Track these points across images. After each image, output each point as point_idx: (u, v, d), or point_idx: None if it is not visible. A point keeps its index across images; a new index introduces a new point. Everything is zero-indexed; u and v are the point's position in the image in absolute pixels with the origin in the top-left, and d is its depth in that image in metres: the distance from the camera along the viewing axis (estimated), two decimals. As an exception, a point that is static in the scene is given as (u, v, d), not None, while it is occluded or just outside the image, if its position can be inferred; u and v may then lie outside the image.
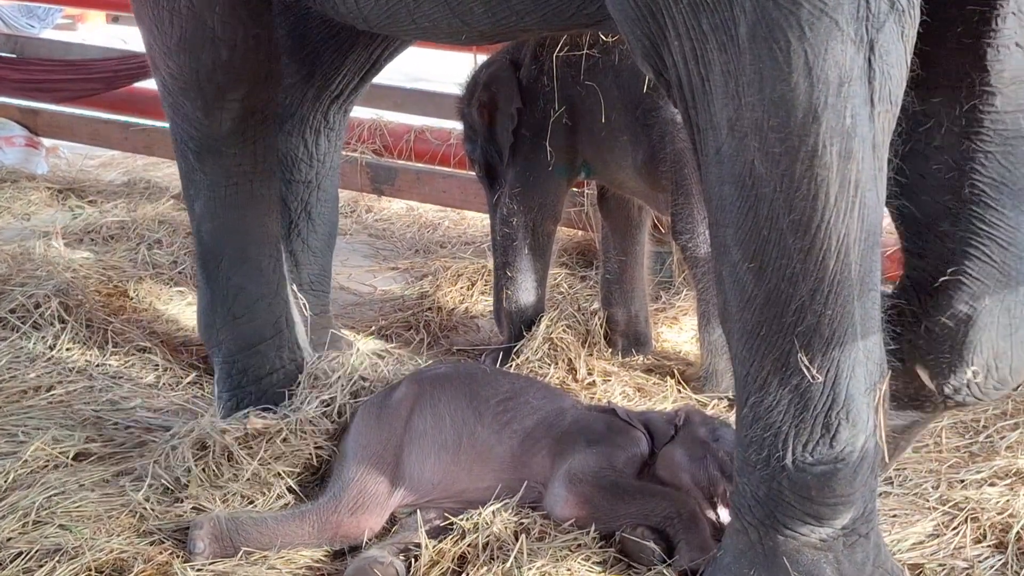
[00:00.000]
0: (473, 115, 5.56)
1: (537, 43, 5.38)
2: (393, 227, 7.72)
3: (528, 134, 5.41)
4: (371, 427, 4.18)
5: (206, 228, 4.98)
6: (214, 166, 4.92)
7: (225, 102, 4.80)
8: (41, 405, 4.96)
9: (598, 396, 5.12)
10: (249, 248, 4.97)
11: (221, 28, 4.65)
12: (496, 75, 5.48)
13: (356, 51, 5.36)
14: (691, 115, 3.26)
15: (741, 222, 3.19)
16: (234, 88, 4.79)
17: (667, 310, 6.18)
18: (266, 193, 4.99)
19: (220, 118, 4.84)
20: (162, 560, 3.76)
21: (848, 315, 3.20)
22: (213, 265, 4.99)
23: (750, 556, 3.49)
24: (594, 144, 5.35)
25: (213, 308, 5.02)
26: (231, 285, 4.96)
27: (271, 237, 5.02)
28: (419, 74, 10.29)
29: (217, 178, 4.92)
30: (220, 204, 4.94)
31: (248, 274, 4.96)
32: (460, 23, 4.06)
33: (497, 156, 5.51)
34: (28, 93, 8.74)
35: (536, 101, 5.39)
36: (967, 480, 4.41)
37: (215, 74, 4.73)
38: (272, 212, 5.04)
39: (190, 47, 4.71)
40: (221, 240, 4.97)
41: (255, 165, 4.94)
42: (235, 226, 4.97)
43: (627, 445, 4.13)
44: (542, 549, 3.77)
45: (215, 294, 5.00)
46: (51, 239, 6.76)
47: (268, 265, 5.00)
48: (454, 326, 6.11)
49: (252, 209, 4.96)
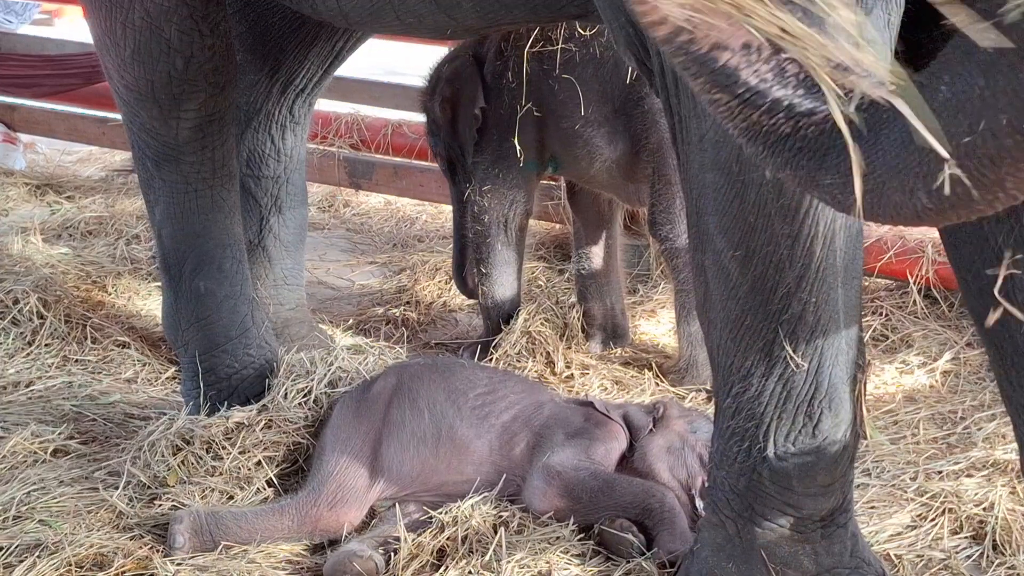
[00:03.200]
0: (436, 110, 5.55)
1: (501, 39, 5.37)
2: (371, 221, 7.70)
3: (495, 131, 5.41)
4: (349, 421, 4.18)
5: (167, 233, 4.95)
6: (173, 173, 4.89)
7: (181, 112, 4.76)
8: (20, 400, 4.96)
9: (576, 389, 5.12)
10: (212, 252, 4.94)
11: (178, 39, 4.63)
12: (459, 71, 5.46)
13: (319, 44, 5.35)
14: (672, 103, 3.25)
15: (726, 209, 3.19)
16: (190, 98, 4.76)
17: (644, 303, 6.18)
18: (226, 197, 4.96)
19: (177, 127, 4.80)
20: (142, 555, 3.76)
21: (832, 302, 3.21)
22: (176, 269, 4.96)
23: (728, 549, 3.50)
24: (564, 138, 5.34)
25: (177, 311, 4.99)
26: (194, 288, 4.93)
27: (234, 239, 5.00)
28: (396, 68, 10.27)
29: (176, 185, 4.89)
30: (180, 210, 4.90)
31: (211, 277, 4.93)
32: (446, 18, 4.04)
33: (460, 152, 5.51)
34: (5, 89, 8.70)
35: (501, 98, 5.38)
36: (945, 471, 4.42)
37: (170, 85, 4.70)
38: (234, 214, 5.01)
39: (144, 59, 4.68)
40: (182, 245, 4.94)
41: (214, 171, 4.90)
42: (196, 231, 4.93)
43: (605, 438, 4.14)
44: (521, 542, 3.79)
45: (179, 297, 4.98)
46: (29, 235, 6.74)
47: (231, 267, 4.97)
48: (432, 320, 6.10)
49: (213, 214, 4.93)
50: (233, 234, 5.00)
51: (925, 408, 4.96)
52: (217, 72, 4.77)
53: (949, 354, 5.40)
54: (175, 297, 5.00)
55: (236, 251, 5.01)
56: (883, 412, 4.93)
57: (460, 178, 5.59)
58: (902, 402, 5.05)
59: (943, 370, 5.31)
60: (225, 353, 4.92)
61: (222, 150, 4.91)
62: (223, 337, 4.95)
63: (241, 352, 4.93)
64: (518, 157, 5.34)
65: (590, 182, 5.53)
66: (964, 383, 5.21)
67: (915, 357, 5.40)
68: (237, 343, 4.94)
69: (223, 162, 4.93)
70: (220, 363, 4.91)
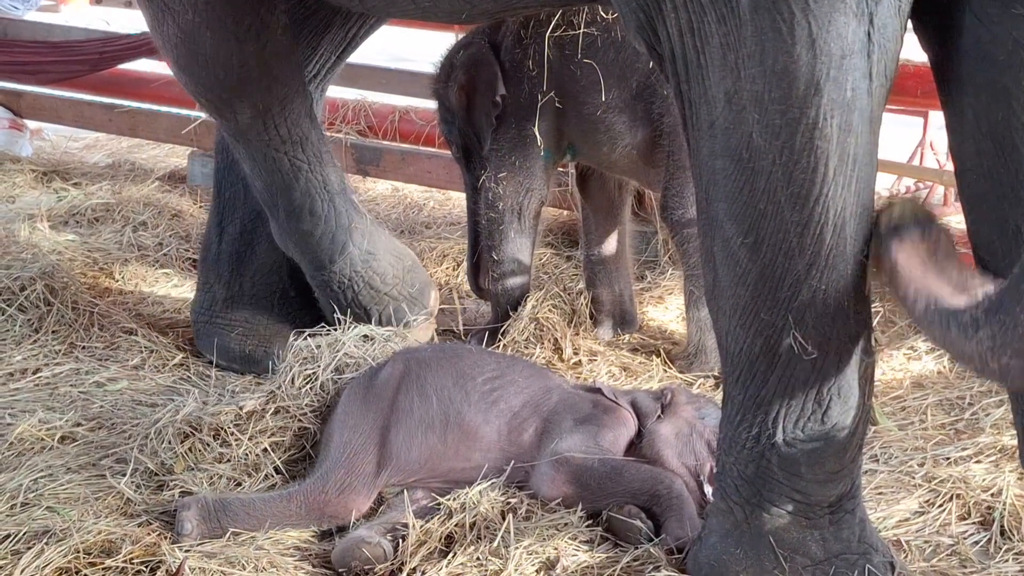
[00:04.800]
0: (450, 97, 5.52)
1: (520, 25, 5.35)
2: (378, 208, 7.69)
3: (513, 119, 5.39)
4: (357, 407, 4.18)
5: (258, 187, 5.19)
6: (242, 147, 5.08)
7: (235, 108, 4.84)
8: (27, 388, 4.96)
9: (584, 375, 5.12)
10: (300, 200, 5.16)
11: (213, 51, 4.66)
12: (476, 58, 5.42)
13: (332, 31, 5.34)
14: (683, 89, 3.25)
15: (736, 196, 3.18)
16: (239, 100, 4.83)
17: (652, 289, 6.18)
18: (303, 157, 5.12)
19: (235, 119, 4.93)
20: (150, 541, 3.75)
21: (842, 290, 3.21)
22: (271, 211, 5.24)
23: (736, 535, 3.51)
24: (585, 125, 5.32)
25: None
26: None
27: (319, 185, 5.19)
28: (403, 54, 10.25)
29: (251, 154, 5.07)
30: (259, 171, 5.12)
31: (304, 220, 5.20)
32: (463, 2, 4.02)
33: (476, 139, 5.49)
34: (12, 75, 8.70)
35: (520, 85, 5.35)
36: (952, 457, 4.42)
37: (213, 91, 4.76)
38: (315, 168, 5.17)
39: (185, 70, 4.74)
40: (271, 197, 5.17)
41: (283, 141, 5.04)
42: (280, 187, 5.14)
43: (613, 424, 4.14)
44: (529, 528, 3.78)
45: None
46: (36, 222, 6.76)
47: (323, 208, 5.20)
48: (440, 307, 6.10)
49: (294, 173, 5.13)
50: (318, 182, 5.15)
51: (933, 394, 4.96)
52: (262, 75, 4.80)
53: (957, 340, 5.38)
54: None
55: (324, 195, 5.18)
56: (891, 398, 4.93)
57: (475, 165, 5.57)
58: (910, 388, 5.05)
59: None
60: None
61: (287, 124, 5.00)
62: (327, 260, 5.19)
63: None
64: (538, 145, 5.32)
65: (610, 168, 5.51)
66: (972, 369, 5.20)
67: (923, 343, 5.38)
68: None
69: (289, 132, 5.03)
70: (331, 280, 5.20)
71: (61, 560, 3.60)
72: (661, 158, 5.21)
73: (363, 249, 5.23)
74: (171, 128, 8.27)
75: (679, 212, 5.18)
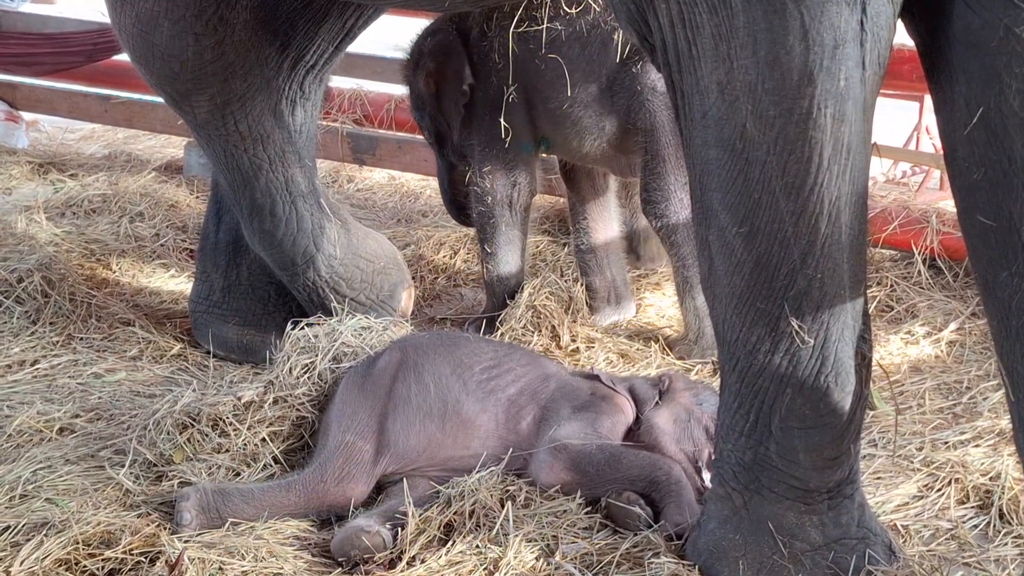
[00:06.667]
0: (419, 84, 5.53)
1: (484, 18, 5.34)
2: (375, 197, 7.70)
3: (485, 111, 5.39)
4: (355, 396, 4.18)
5: (223, 181, 5.21)
6: (204, 140, 5.08)
7: (193, 102, 4.84)
8: (25, 379, 4.96)
9: (582, 362, 5.13)
10: (261, 200, 5.16)
11: (168, 44, 4.65)
12: (443, 46, 5.41)
13: (330, 20, 5.33)
14: (675, 79, 3.24)
15: (730, 186, 3.18)
16: (198, 92, 4.84)
17: (650, 276, 6.18)
18: (263, 155, 5.09)
19: (193, 112, 4.93)
20: (149, 532, 3.75)
21: (838, 278, 3.21)
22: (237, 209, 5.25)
23: (735, 521, 3.51)
24: (553, 119, 5.31)
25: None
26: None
27: (282, 186, 5.18)
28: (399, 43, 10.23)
29: (212, 147, 5.06)
30: (223, 166, 5.11)
31: (265, 220, 5.20)
32: None
33: (447, 126, 5.49)
34: (6, 67, 8.70)
35: (489, 78, 5.35)
36: (951, 441, 4.43)
37: (170, 83, 4.75)
38: (276, 166, 5.15)
39: (142, 60, 4.73)
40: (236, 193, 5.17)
41: (242, 138, 5.00)
42: (242, 182, 5.14)
43: (611, 411, 4.14)
44: (528, 516, 3.79)
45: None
46: (32, 213, 6.75)
47: (284, 211, 5.20)
48: (437, 295, 6.11)
49: (254, 171, 5.10)
50: (279, 182, 5.13)
51: (931, 378, 4.97)
52: (219, 68, 4.80)
53: (954, 324, 5.40)
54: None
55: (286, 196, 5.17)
56: (889, 383, 4.93)
57: (448, 151, 5.59)
58: (908, 373, 5.05)
59: (948, 340, 5.31)
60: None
61: (247, 121, 4.98)
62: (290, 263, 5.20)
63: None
64: (506, 140, 5.30)
65: (583, 160, 5.52)
66: (969, 353, 5.21)
67: (920, 327, 5.40)
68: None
69: (250, 129, 5.02)
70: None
71: (60, 551, 3.60)
72: (635, 146, 5.21)
73: (328, 254, 5.24)
74: (167, 119, 8.24)
75: (662, 205, 5.19)
